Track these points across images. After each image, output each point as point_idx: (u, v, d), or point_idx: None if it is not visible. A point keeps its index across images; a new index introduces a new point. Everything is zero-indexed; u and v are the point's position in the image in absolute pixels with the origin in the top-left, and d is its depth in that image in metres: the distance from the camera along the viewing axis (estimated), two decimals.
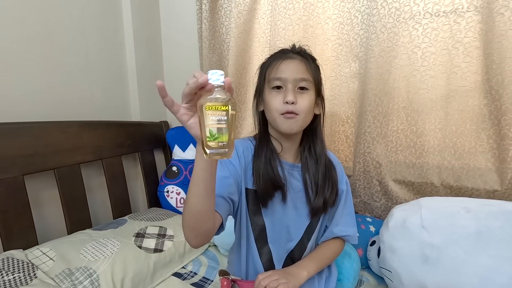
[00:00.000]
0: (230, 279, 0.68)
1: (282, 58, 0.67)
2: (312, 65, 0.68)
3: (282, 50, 0.72)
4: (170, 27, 1.49)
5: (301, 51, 0.70)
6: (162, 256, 0.99)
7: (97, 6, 1.23)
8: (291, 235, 0.72)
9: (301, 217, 0.72)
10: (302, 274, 0.66)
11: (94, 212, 1.16)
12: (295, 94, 0.64)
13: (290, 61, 0.66)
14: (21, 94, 0.99)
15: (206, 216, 0.53)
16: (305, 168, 0.72)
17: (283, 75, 0.65)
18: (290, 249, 0.72)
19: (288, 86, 0.65)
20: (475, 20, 0.87)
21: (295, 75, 0.65)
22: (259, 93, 0.72)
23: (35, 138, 0.96)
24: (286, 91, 0.65)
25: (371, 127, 1.06)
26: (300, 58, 0.67)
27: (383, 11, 0.97)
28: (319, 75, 0.71)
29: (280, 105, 0.65)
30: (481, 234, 0.75)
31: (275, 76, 0.66)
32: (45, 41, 1.05)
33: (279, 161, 0.70)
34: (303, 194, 0.71)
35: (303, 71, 0.66)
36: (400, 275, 0.83)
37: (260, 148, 0.70)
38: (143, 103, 1.43)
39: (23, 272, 0.76)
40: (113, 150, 1.23)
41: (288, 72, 0.65)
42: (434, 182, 1.00)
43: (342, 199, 0.76)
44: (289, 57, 0.67)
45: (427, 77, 0.96)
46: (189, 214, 0.53)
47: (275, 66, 0.66)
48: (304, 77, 0.65)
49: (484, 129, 0.92)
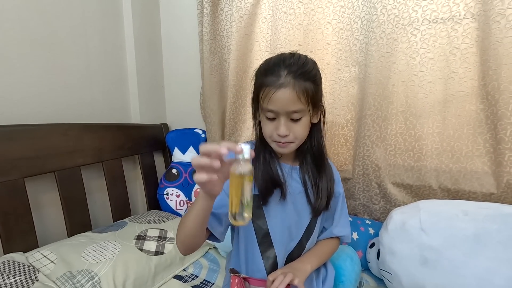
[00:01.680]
0: (241, 276, 0.69)
1: (274, 86, 0.62)
2: (304, 87, 0.62)
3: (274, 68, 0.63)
4: (171, 30, 1.50)
5: (292, 69, 0.62)
6: (163, 259, 0.99)
7: (98, 9, 1.23)
8: (292, 235, 0.73)
9: (302, 218, 0.73)
10: (306, 267, 0.69)
11: (94, 215, 1.16)
12: (288, 125, 0.64)
13: (282, 91, 0.61)
14: (22, 97, 0.99)
15: (198, 236, 0.61)
16: (304, 170, 0.73)
17: (275, 108, 0.63)
18: (290, 250, 0.73)
19: (280, 118, 0.63)
20: (472, 27, 0.89)
21: (286, 108, 0.62)
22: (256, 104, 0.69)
23: (35, 141, 0.95)
24: (278, 122, 0.64)
25: (370, 130, 1.07)
26: (293, 84, 0.61)
27: (382, 17, 0.98)
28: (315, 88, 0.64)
29: (274, 134, 0.65)
30: (479, 236, 0.77)
31: (268, 107, 0.63)
32: (46, 44, 1.05)
33: (278, 163, 0.71)
34: (303, 196, 0.73)
35: (295, 102, 0.61)
36: (399, 277, 0.84)
37: (259, 151, 0.71)
38: (143, 105, 1.43)
39: (25, 275, 0.76)
40: (113, 153, 1.23)
41: (279, 105, 0.62)
42: (432, 185, 1.01)
43: (339, 202, 0.80)
44: (281, 86, 0.61)
45: (425, 82, 0.98)
46: (184, 235, 0.60)
47: (267, 96, 0.62)
48: (296, 109, 0.62)
49: (481, 134, 0.94)
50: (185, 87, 1.52)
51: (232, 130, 1.36)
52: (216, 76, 1.35)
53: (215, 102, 1.37)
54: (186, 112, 1.53)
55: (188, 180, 1.39)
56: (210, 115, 1.38)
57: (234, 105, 1.33)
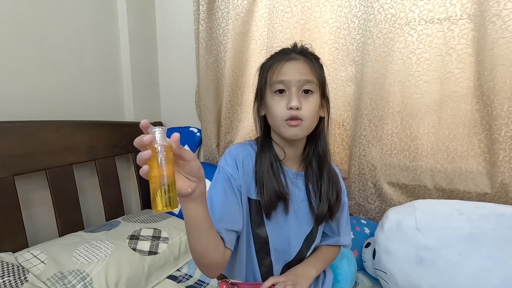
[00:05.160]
0: (229, 282, 0.67)
1: (284, 59, 0.62)
2: (316, 65, 0.64)
3: (283, 50, 0.67)
4: (166, 27, 1.48)
5: (303, 51, 0.66)
6: (157, 259, 0.98)
7: (92, 4, 1.21)
8: (291, 246, 0.70)
9: (301, 226, 0.70)
10: (311, 272, 0.67)
11: (86, 214, 1.14)
12: (300, 98, 0.60)
13: (293, 62, 0.62)
14: (12, 93, 0.97)
15: (209, 252, 0.55)
16: (309, 177, 0.69)
17: (286, 78, 0.61)
18: (289, 260, 0.71)
19: (291, 89, 0.60)
20: (468, 28, 0.90)
21: (299, 76, 0.60)
22: (260, 96, 0.68)
23: (26, 138, 0.93)
24: (289, 95, 0.61)
25: (366, 130, 1.07)
26: (304, 59, 0.63)
27: (379, 16, 0.98)
28: (324, 75, 0.66)
29: (283, 111, 0.61)
30: (474, 236, 0.77)
31: (278, 79, 0.61)
32: (37, 39, 1.02)
33: (282, 170, 0.67)
34: (305, 204, 0.69)
35: (307, 72, 0.61)
36: (395, 276, 0.84)
37: (263, 155, 0.66)
38: (137, 103, 1.41)
39: (13, 275, 0.74)
40: (107, 151, 1.21)
41: (292, 74, 0.60)
42: (427, 185, 1.02)
43: (345, 210, 0.77)
44: (292, 58, 0.63)
45: (421, 82, 0.98)
46: (193, 253, 0.55)
47: (277, 68, 0.62)
48: (308, 78, 0.61)
49: (476, 134, 0.94)
50: (180, 85, 1.50)
51: (227, 128, 1.35)
52: (212, 74, 1.34)
53: (211, 101, 1.36)
54: (181, 110, 1.51)
55: None
56: (206, 114, 1.37)
57: (230, 103, 1.32)
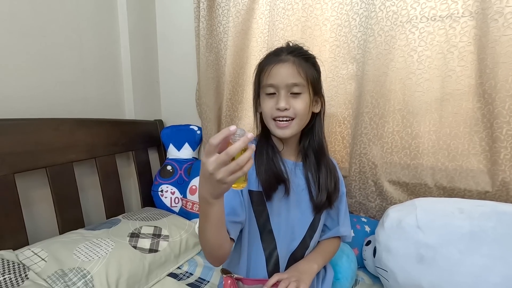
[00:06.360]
0: (234, 277, 0.67)
1: (274, 61, 0.66)
2: (304, 66, 0.66)
3: (276, 50, 0.70)
4: (166, 25, 1.47)
5: (294, 51, 0.68)
6: (157, 257, 0.98)
7: (92, 2, 1.20)
8: (295, 234, 0.72)
9: (304, 215, 0.73)
10: (313, 268, 0.69)
11: (86, 212, 1.14)
12: (288, 99, 0.65)
13: (281, 65, 0.65)
14: (12, 91, 0.96)
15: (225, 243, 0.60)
16: (307, 166, 0.73)
17: (275, 82, 0.65)
18: (293, 249, 0.72)
19: (280, 92, 0.65)
20: (469, 26, 0.89)
21: (286, 80, 0.64)
22: (257, 95, 0.72)
23: (26, 136, 0.93)
24: (278, 96, 0.65)
25: (367, 128, 1.07)
26: (292, 60, 0.65)
27: (381, 14, 0.98)
28: (315, 73, 0.69)
29: (272, 111, 0.66)
30: (475, 234, 0.77)
31: (267, 82, 0.66)
32: (37, 36, 1.02)
33: (281, 159, 0.70)
34: (306, 193, 0.72)
35: (294, 75, 0.64)
36: (395, 274, 0.84)
37: (261, 146, 0.70)
38: (137, 101, 1.41)
39: (14, 273, 0.74)
40: (107, 149, 1.21)
41: (279, 78, 0.64)
42: (428, 183, 1.01)
43: (344, 201, 0.80)
44: (281, 60, 0.65)
45: (423, 80, 0.98)
46: (210, 246, 0.58)
47: (267, 71, 0.66)
48: (295, 81, 0.64)
49: (477, 132, 0.94)
50: (180, 82, 1.50)
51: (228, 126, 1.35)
52: (212, 72, 1.34)
53: (211, 98, 1.35)
54: (182, 108, 1.51)
55: (183, 177, 1.38)
56: (206, 111, 1.37)
57: (231, 101, 1.31)
